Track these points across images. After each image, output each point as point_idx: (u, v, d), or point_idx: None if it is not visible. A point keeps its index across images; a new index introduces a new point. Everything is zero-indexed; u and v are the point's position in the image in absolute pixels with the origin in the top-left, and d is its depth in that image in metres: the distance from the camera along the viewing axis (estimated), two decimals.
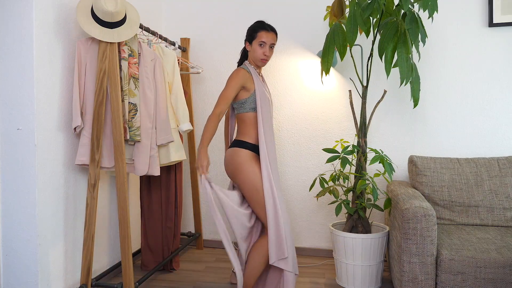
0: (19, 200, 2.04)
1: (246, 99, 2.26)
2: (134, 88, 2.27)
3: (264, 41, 2.29)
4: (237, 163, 2.22)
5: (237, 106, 2.30)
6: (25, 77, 2.00)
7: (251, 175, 2.19)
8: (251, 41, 2.33)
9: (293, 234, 3.09)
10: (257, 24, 2.33)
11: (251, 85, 2.27)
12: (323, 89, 3.06)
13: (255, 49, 2.31)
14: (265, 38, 2.30)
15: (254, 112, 2.27)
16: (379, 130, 2.98)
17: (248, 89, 2.26)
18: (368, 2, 2.24)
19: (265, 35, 2.30)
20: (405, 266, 2.05)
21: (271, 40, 2.31)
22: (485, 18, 2.80)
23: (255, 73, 2.31)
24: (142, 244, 2.78)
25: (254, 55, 2.32)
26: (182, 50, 3.07)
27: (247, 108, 2.27)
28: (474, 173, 2.57)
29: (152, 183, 2.75)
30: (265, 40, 2.30)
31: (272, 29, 2.33)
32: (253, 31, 2.32)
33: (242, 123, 2.30)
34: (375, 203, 2.48)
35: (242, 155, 2.22)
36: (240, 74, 2.25)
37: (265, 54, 2.31)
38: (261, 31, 2.30)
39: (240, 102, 2.27)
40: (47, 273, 2.11)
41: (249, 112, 2.27)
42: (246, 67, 2.31)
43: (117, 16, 2.14)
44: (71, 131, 2.24)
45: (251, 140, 2.26)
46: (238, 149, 2.24)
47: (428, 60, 2.90)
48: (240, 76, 2.24)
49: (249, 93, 2.26)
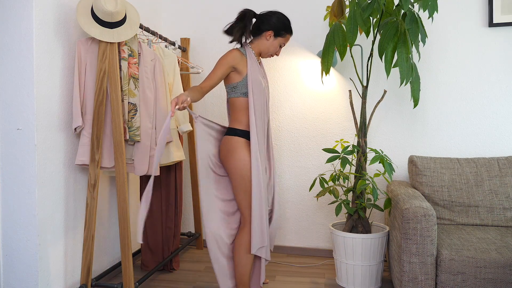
0: (19, 200, 2.04)
1: (237, 83, 2.18)
2: (134, 88, 2.27)
3: (285, 44, 2.32)
4: (226, 150, 2.19)
5: (228, 90, 2.23)
6: (25, 77, 2.00)
7: (238, 162, 2.15)
8: (277, 36, 2.26)
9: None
10: (288, 24, 2.28)
11: (244, 68, 2.17)
12: (323, 89, 3.06)
13: (274, 44, 2.27)
14: (287, 41, 2.33)
15: (246, 97, 2.18)
16: (379, 130, 2.98)
17: (240, 72, 2.17)
18: (368, 2, 2.24)
19: (289, 39, 2.33)
20: (405, 266, 2.05)
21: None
22: (485, 18, 2.80)
23: (252, 57, 2.21)
24: (142, 244, 2.78)
25: (270, 48, 2.27)
26: (182, 50, 3.07)
27: (238, 93, 2.19)
28: (474, 173, 2.57)
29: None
30: (286, 43, 2.33)
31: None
32: (285, 29, 2.26)
33: (233, 109, 2.23)
34: (375, 203, 2.48)
35: (232, 142, 2.18)
36: (231, 54, 2.17)
37: (278, 54, 2.34)
38: (289, 35, 2.30)
39: (231, 86, 2.20)
40: (47, 273, 2.11)
41: (240, 97, 2.19)
42: (243, 50, 2.23)
43: (117, 16, 2.14)
44: (71, 131, 2.24)
45: (242, 126, 2.20)
46: (229, 137, 2.20)
47: (428, 60, 2.90)
48: (231, 56, 2.16)
49: (241, 76, 2.17)
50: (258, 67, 2.23)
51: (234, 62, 2.16)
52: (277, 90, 3.14)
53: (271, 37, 2.25)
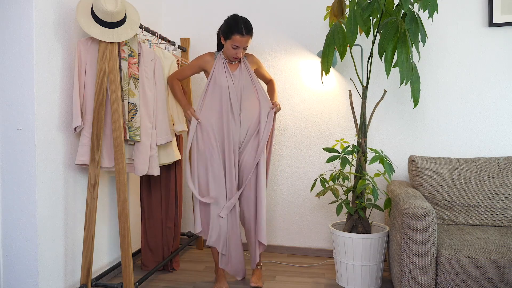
0: (19, 200, 2.04)
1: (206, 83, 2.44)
2: (134, 88, 2.27)
3: (237, 45, 2.31)
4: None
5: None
6: (25, 77, 2.00)
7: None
8: (226, 39, 2.34)
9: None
10: (234, 24, 2.30)
11: (210, 69, 2.43)
12: (323, 89, 3.06)
13: (228, 47, 2.36)
14: (238, 43, 2.31)
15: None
16: (379, 130, 2.98)
17: (208, 73, 2.45)
18: (368, 2, 2.24)
19: (240, 39, 2.30)
20: (405, 266, 2.05)
21: (245, 44, 2.34)
22: (485, 18, 2.80)
23: (221, 62, 2.42)
24: (142, 244, 2.77)
25: (227, 52, 2.39)
26: (182, 50, 3.07)
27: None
28: (474, 173, 2.57)
29: (152, 183, 2.75)
30: (239, 44, 2.32)
31: (248, 31, 2.31)
32: (229, 31, 2.30)
33: None
34: (375, 203, 2.48)
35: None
36: (202, 56, 2.47)
37: (237, 55, 2.37)
38: (237, 35, 2.29)
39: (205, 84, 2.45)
40: (47, 273, 2.11)
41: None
42: (217, 53, 2.46)
43: (117, 16, 2.14)
44: (71, 131, 2.24)
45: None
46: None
47: (428, 60, 2.90)
48: (200, 58, 2.47)
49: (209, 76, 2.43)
50: (224, 70, 2.42)
51: (201, 64, 2.47)
52: (277, 90, 3.14)
53: (224, 41, 2.38)
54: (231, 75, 2.42)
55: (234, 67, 2.46)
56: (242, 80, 2.43)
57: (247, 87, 2.44)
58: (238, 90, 2.41)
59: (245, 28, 2.30)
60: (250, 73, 2.47)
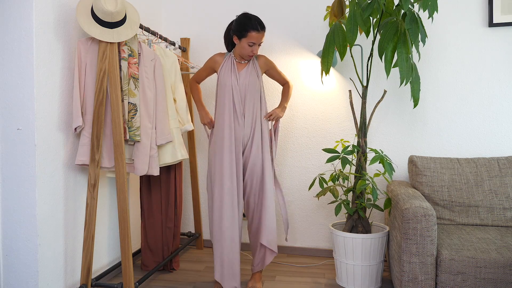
0: (19, 200, 2.04)
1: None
2: (134, 88, 2.27)
3: (254, 42, 2.29)
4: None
5: None
6: (25, 77, 2.00)
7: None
8: (240, 37, 2.31)
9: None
10: (247, 22, 2.28)
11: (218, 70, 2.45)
12: (323, 89, 3.06)
13: (243, 46, 2.33)
14: (255, 39, 2.29)
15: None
16: (379, 130, 2.98)
17: (218, 73, 2.46)
18: (368, 2, 2.24)
19: (256, 36, 2.29)
20: (405, 266, 2.05)
21: (260, 39, 2.32)
22: (485, 18, 2.80)
23: (229, 62, 2.42)
24: (142, 244, 2.78)
25: (242, 51, 2.35)
26: (182, 50, 3.07)
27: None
28: (474, 173, 2.57)
29: (152, 183, 2.75)
30: (255, 41, 2.30)
31: (263, 27, 2.31)
32: (244, 29, 2.28)
33: None
34: (375, 203, 2.48)
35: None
36: (212, 57, 2.49)
37: (254, 52, 2.34)
38: (252, 32, 2.27)
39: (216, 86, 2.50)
40: (47, 273, 2.11)
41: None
42: (227, 54, 2.46)
43: (117, 16, 2.14)
44: (71, 131, 2.24)
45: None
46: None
47: (428, 60, 2.90)
48: (211, 58, 2.49)
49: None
50: (231, 70, 2.40)
51: (212, 64, 2.49)
52: (277, 90, 3.14)
53: (238, 40, 2.35)
54: (236, 73, 2.40)
55: (241, 66, 2.43)
56: (247, 79, 2.40)
57: (252, 87, 2.41)
58: (242, 89, 2.39)
59: (259, 24, 2.29)
60: (258, 74, 2.43)
